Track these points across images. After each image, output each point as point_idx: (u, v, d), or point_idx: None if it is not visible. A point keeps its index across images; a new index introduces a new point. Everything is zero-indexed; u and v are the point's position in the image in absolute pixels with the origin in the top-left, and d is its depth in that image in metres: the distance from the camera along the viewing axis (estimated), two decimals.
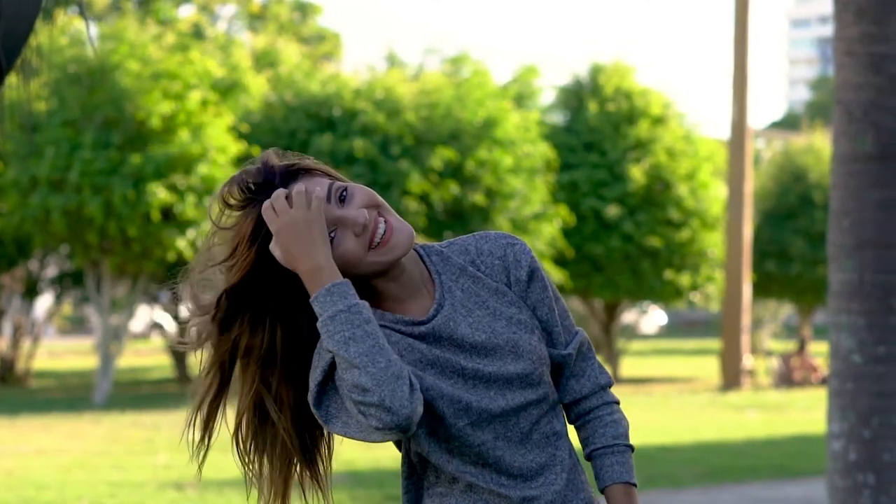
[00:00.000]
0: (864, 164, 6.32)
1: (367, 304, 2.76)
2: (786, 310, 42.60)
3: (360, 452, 15.44)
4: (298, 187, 2.82)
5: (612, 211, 29.55)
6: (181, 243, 23.16)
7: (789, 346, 38.40)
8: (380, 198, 2.87)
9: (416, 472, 2.95)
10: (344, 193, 2.85)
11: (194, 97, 23.33)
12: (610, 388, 3.01)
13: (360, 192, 2.86)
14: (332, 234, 2.82)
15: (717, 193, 30.88)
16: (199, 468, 3.04)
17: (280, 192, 2.81)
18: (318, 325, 2.75)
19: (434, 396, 2.81)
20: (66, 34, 23.84)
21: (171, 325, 32.57)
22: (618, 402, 3.01)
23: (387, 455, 14.51)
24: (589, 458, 2.98)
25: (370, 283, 2.88)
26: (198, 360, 2.99)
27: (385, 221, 2.84)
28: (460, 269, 2.94)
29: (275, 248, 2.81)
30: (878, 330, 6.31)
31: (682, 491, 12.90)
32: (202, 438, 3.03)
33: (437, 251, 2.96)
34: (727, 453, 15.78)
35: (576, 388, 2.98)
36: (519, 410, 2.87)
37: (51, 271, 30.56)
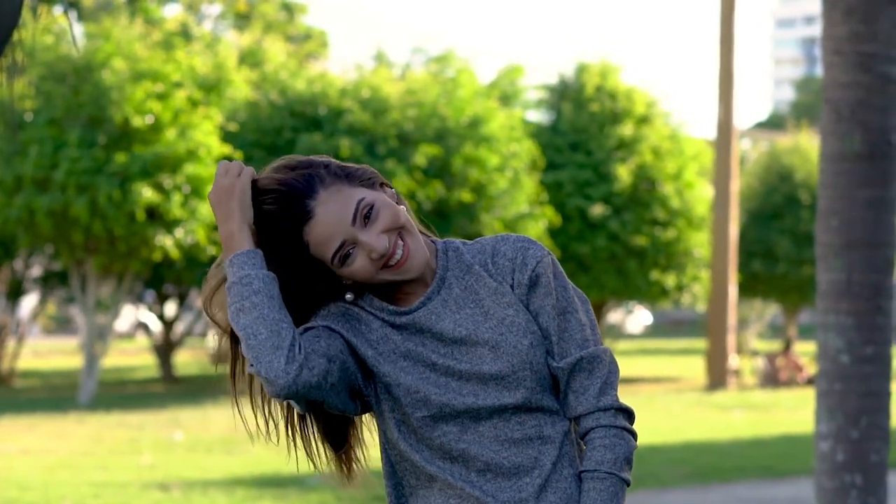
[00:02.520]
0: (852, 163, 6.29)
1: (266, 274, 2.82)
2: (771, 309, 42.65)
3: None
4: (236, 162, 2.90)
5: (598, 210, 29.54)
6: (167, 242, 23.10)
7: (775, 345, 38.44)
8: (404, 217, 2.89)
9: (397, 474, 3.00)
10: (369, 213, 2.86)
11: (180, 96, 23.29)
12: (614, 410, 2.91)
13: (386, 213, 2.87)
14: (350, 251, 2.85)
15: (702, 193, 30.90)
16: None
17: (221, 163, 2.89)
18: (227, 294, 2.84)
19: (391, 383, 2.88)
20: (51, 32, 23.78)
21: (155, 325, 32.51)
22: (619, 427, 2.91)
23: (373, 455, 14.47)
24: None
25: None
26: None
27: (403, 245, 2.87)
28: (468, 266, 2.95)
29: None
30: (866, 330, 6.28)
31: (668, 491, 12.89)
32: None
33: (454, 247, 2.98)
34: (714, 453, 15.77)
35: (573, 405, 2.92)
36: (493, 411, 2.87)
37: (35, 271, 30.49)
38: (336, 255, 2.86)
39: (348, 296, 2.94)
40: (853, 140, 6.28)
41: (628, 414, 2.93)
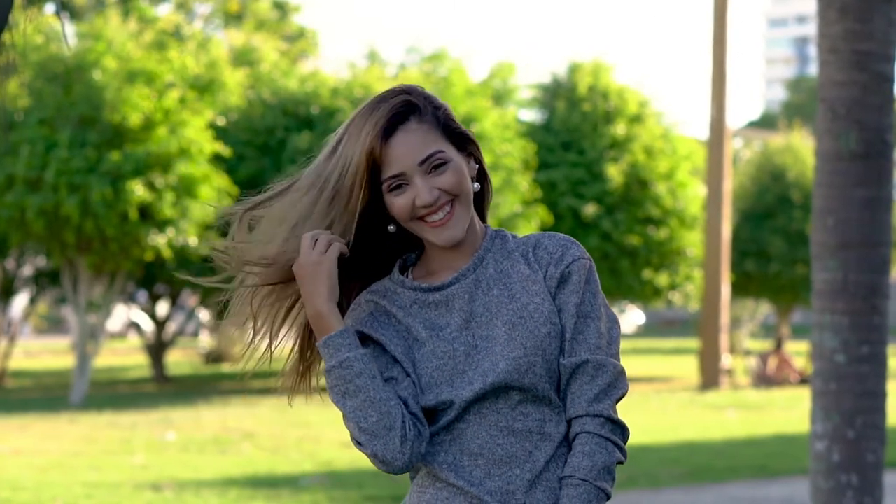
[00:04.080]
0: (848, 162, 6.27)
1: (363, 354, 2.88)
2: (764, 309, 42.65)
3: (339, 453, 15.39)
4: (326, 235, 2.92)
5: (591, 210, 29.52)
6: (159, 242, 23.06)
7: (767, 345, 38.44)
8: (466, 189, 2.95)
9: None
10: (439, 166, 2.92)
11: (172, 95, 23.26)
12: (603, 419, 2.89)
13: (453, 175, 2.93)
14: (402, 184, 2.92)
15: (695, 192, 30.89)
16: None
17: (307, 235, 2.92)
18: (325, 374, 2.92)
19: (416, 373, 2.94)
20: (42, 32, 23.73)
21: (147, 325, 32.46)
22: (604, 437, 2.88)
23: (365, 456, 14.44)
24: None
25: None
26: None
27: (449, 212, 2.93)
28: (508, 252, 3.00)
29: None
30: (862, 330, 6.26)
31: (662, 491, 12.87)
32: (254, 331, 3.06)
33: (502, 235, 3.04)
34: (707, 453, 15.75)
35: (568, 407, 2.92)
36: (500, 392, 2.89)
37: (27, 270, 30.42)
38: (389, 180, 2.91)
39: (390, 227, 2.99)
40: (849, 139, 6.26)
41: (621, 429, 2.92)
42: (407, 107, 2.93)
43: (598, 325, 2.92)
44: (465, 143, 2.98)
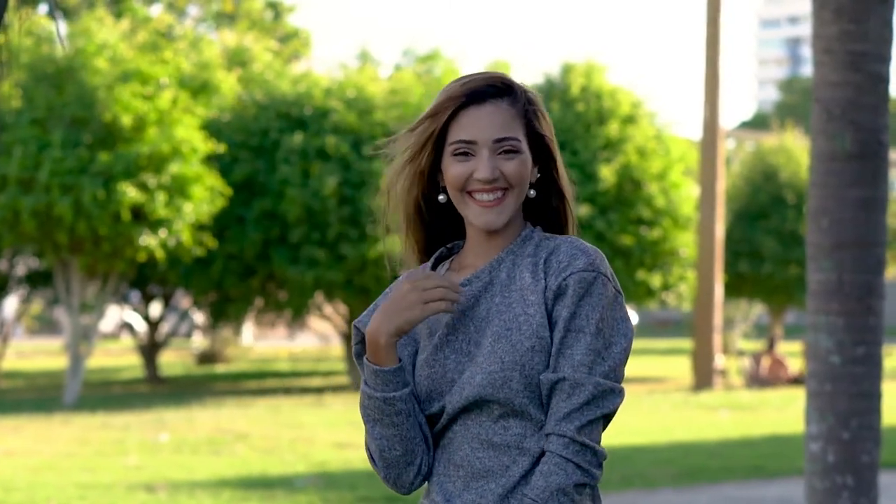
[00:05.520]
0: (843, 162, 6.26)
1: (407, 394, 2.89)
2: (757, 309, 42.67)
3: (333, 454, 15.37)
4: (443, 287, 2.88)
5: (584, 210, 29.50)
6: (151, 243, 23.02)
7: (760, 345, 38.46)
8: (525, 184, 2.95)
9: None
10: (509, 151, 2.93)
11: (166, 96, 23.24)
12: (567, 439, 2.79)
13: (520, 165, 2.94)
14: (468, 152, 2.93)
15: (688, 193, 30.88)
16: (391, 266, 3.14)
17: (433, 275, 2.91)
18: (361, 387, 2.94)
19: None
20: (33, 33, 23.70)
21: (140, 326, 32.42)
22: (565, 458, 2.79)
23: (359, 457, 14.43)
24: None
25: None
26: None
27: (497, 199, 2.93)
28: (524, 257, 2.97)
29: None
30: (857, 330, 6.25)
31: (657, 491, 12.86)
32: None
33: (530, 236, 3.01)
34: (701, 453, 15.75)
35: (546, 423, 2.85)
36: (481, 405, 2.86)
37: (19, 271, 30.37)
38: (458, 143, 2.93)
39: (441, 197, 2.99)
40: (844, 139, 6.26)
41: (591, 451, 2.82)
42: (505, 87, 2.95)
43: (589, 340, 2.82)
44: (540, 147, 2.99)
